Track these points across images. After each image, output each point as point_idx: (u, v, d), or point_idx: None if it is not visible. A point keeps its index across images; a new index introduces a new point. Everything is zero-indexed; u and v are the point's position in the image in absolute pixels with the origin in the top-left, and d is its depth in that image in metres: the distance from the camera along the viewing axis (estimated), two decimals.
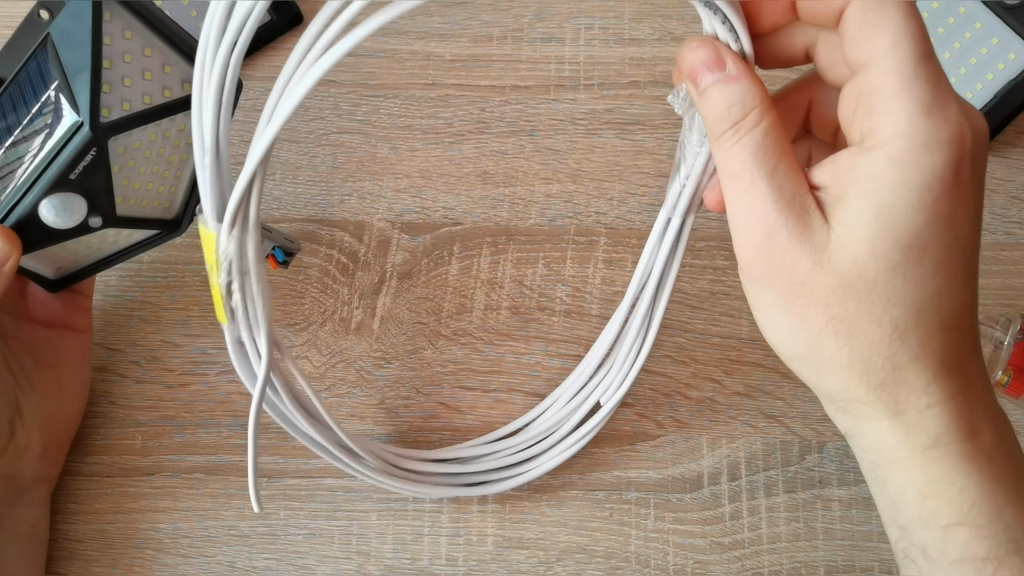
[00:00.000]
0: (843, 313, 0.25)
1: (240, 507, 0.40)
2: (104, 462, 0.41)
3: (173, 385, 0.42)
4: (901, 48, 0.23)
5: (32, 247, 0.33)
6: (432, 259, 0.43)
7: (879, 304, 0.25)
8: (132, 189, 0.34)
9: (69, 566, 0.39)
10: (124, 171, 0.33)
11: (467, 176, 0.45)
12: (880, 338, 0.26)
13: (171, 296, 0.43)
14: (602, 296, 0.43)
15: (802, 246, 0.25)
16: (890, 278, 0.25)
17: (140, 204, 0.35)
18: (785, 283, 0.26)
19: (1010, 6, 0.44)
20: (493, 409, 0.41)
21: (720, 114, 0.26)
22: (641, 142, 0.45)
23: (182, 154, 0.35)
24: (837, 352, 0.26)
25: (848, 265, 0.25)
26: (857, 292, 0.25)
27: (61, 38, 0.30)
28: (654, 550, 0.40)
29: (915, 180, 0.24)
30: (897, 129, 0.24)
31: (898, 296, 0.25)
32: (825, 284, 0.25)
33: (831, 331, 0.26)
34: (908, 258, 0.25)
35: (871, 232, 0.24)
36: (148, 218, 0.36)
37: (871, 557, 0.39)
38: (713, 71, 0.26)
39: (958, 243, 0.25)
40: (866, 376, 0.26)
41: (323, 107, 0.45)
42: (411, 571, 0.39)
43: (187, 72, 0.33)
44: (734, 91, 0.25)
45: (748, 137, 0.25)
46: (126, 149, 0.32)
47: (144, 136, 0.33)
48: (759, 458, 0.41)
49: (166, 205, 0.36)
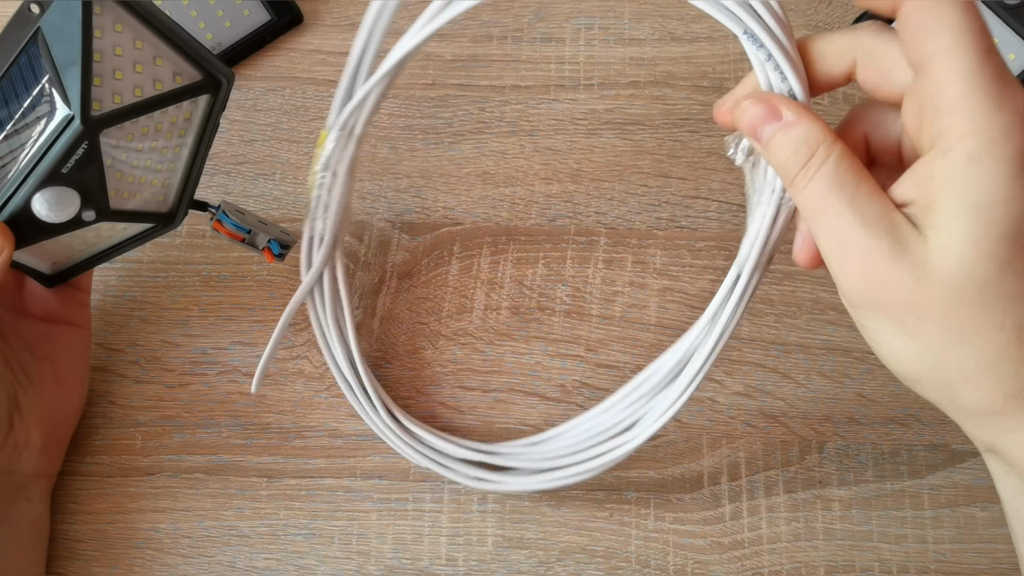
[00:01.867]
0: (961, 323, 0.25)
1: (240, 507, 0.40)
2: (104, 462, 0.41)
3: (173, 385, 0.42)
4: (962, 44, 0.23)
5: (26, 241, 0.33)
6: (432, 259, 0.43)
7: (997, 306, 0.24)
8: (125, 182, 0.34)
9: (69, 566, 0.39)
10: (116, 164, 0.33)
11: (467, 176, 0.45)
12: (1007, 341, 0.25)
13: (171, 296, 0.43)
14: (602, 296, 0.43)
15: (901, 264, 0.24)
16: (1001, 276, 0.24)
17: (134, 197, 0.35)
18: (893, 306, 0.25)
19: (1010, 6, 0.44)
20: (493, 409, 0.41)
21: (788, 159, 0.26)
22: (641, 142, 0.45)
23: (175, 146, 0.35)
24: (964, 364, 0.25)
25: (954, 272, 0.24)
26: (971, 298, 0.24)
27: (52, 32, 0.30)
28: (654, 550, 0.40)
29: (1002, 171, 0.23)
30: (972, 126, 0.23)
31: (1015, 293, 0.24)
32: (935, 297, 0.24)
33: (954, 343, 0.25)
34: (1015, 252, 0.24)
35: (971, 232, 0.24)
36: (142, 211, 0.36)
37: (871, 557, 0.39)
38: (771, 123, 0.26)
39: None
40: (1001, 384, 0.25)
41: (323, 107, 0.45)
42: (411, 571, 0.39)
43: (178, 65, 0.33)
44: (796, 135, 0.26)
45: (820, 172, 0.25)
46: (118, 142, 0.32)
47: (136, 129, 0.33)
48: (759, 458, 0.41)
49: (160, 198, 0.36)
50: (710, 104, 0.45)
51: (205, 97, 0.34)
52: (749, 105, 0.26)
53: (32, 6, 0.30)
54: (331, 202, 0.36)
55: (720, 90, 0.45)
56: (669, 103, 0.45)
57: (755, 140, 0.27)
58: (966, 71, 0.23)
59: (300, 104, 0.46)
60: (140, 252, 0.43)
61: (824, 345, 0.42)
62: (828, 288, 0.42)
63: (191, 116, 0.35)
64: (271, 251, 0.39)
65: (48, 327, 0.38)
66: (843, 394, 0.41)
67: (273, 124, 0.45)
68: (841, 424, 0.41)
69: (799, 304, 0.42)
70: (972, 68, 0.23)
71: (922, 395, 0.27)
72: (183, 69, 0.33)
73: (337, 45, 0.46)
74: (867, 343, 0.27)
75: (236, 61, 0.46)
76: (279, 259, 0.39)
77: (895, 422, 0.41)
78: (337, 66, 0.46)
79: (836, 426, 0.41)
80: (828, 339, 0.42)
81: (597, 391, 0.41)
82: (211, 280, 0.43)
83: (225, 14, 0.45)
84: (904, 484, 0.40)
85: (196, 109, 0.35)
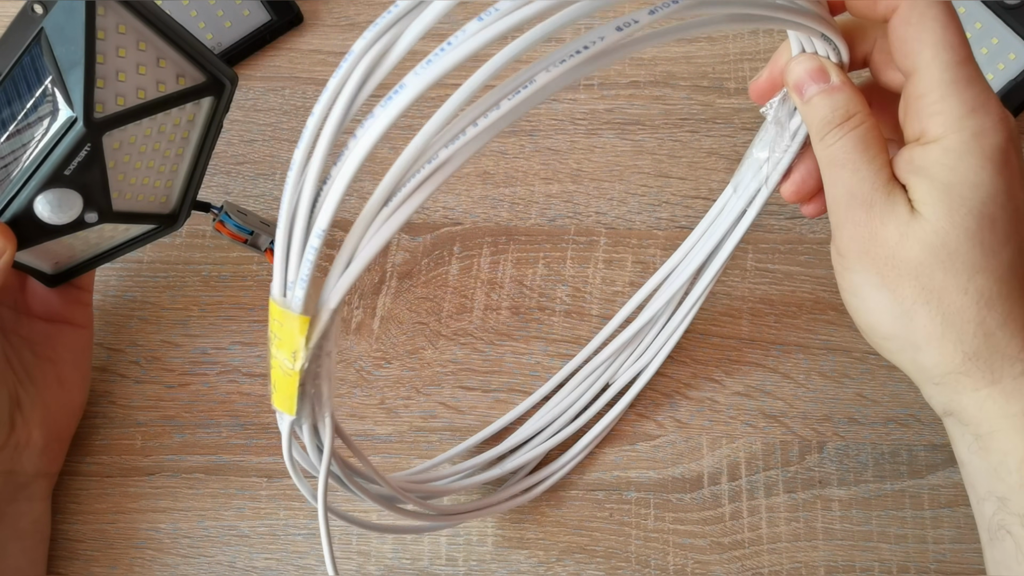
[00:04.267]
0: (932, 283, 0.28)
1: (240, 507, 0.40)
2: (104, 462, 0.41)
3: (173, 385, 0.42)
4: (941, 57, 0.27)
5: (28, 243, 0.33)
6: (432, 259, 0.43)
7: (963, 272, 0.28)
8: (128, 184, 0.34)
9: (69, 566, 0.39)
10: (119, 166, 0.33)
11: (467, 176, 0.45)
12: (968, 305, 0.28)
13: (171, 296, 0.43)
14: (602, 296, 0.43)
15: (893, 222, 0.28)
16: (969, 247, 0.28)
17: (136, 199, 0.35)
18: (879, 258, 0.29)
19: (1010, 6, 0.44)
20: (493, 409, 0.41)
21: (825, 117, 0.29)
22: (641, 142, 0.45)
23: (177, 148, 0.35)
24: (930, 322, 0.28)
25: (931, 236, 0.28)
26: (942, 262, 0.28)
27: (55, 32, 0.30)
28: (654, 550, 0.40)
29: (970, 163, 0.27)
30: (947, 127, 0.27)
31: (979, 264, 0.28)
32: (914, 256, 0.28)
33: (923, 301, 0.28)
34: (982, 226, 0.28)
35: (946, 205, 0.27)
36: (145, 213, 0.36)
37: (871, 557, 0.39)
38: (818, 82, 0.29)
39: (1020, 215, 0.28)
40: (960, 344, 0.28)
41: None
42: (411, 571, 0.39)
43: (181, 66, 0.33)
44: (839, 98, 0.29)
45: (854, 133, 0.29)
46: (121, 144, 0.32)
47: (139, 131, 0.33)
48: (759, 458, 0.41)
49: (163, 200, 0.36)
50: (710, 104, 0.45)
51: (208, 99, 0.34)
52: (804, 59, 0.30)
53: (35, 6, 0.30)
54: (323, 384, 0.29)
55: (720, 90, 0.45)
56: (669, 103, 0.45)
57: (797, 94, 0.30)
58: (944, 80, 0.27)
59: (300, 104, 0.46)
60: (140, 252, 0.43)
61: (824, 345, 0.42)
62: (828, 288, 0.42)
63: (194, 118, 0.35)
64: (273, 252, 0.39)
65: (50, 327, 0.38)
66: (843, 394, 0.41)
67: (273, 124, 0.45)
68: (841, 424, 0.41)
69: (799, 304, 0.42)
70: (949, 78, 0.27)
71: (888, 356, 0.31)
72: (186, 71, 0.33)
73: (337, 45, 0.46)
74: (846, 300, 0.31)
75: (236, 61, 0.46)
76: None
77: (895, 422, 0.41)
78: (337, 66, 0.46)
79: (836, 426, 0.41)
80: (828, 339, 0.42)
81: None
82: (211, 280, 0.43)
83: (225, 14, 0.45)
84: (904, 484, 0.40)
85: (199, 111, 0.35)
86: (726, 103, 0.45)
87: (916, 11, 0.27)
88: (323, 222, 0.23)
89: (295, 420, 0.27)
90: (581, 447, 0.40)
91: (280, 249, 0.24)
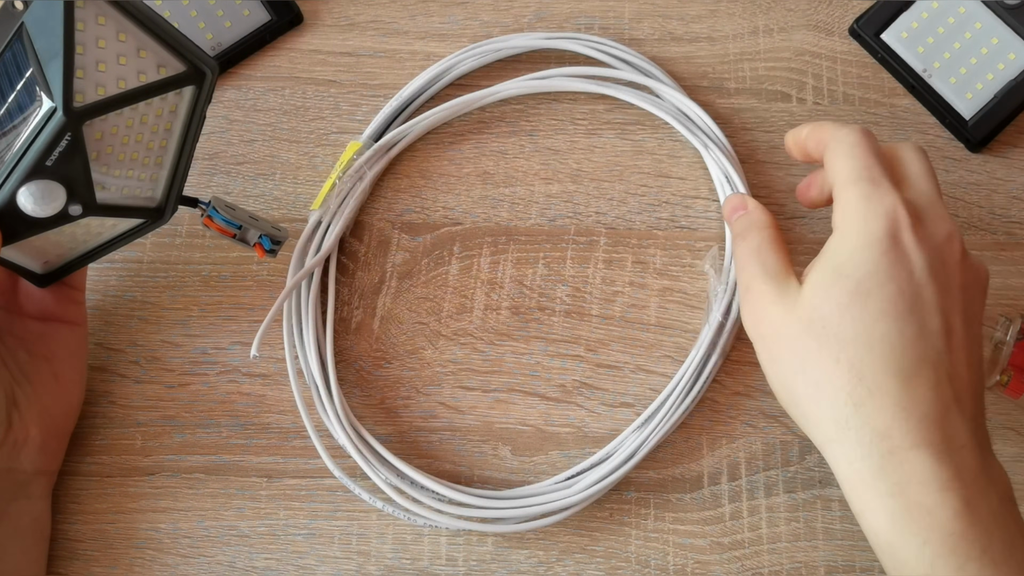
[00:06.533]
0: (807, 352, 0.31)
1: (240, 507, 0.40)
2: (104, 462, 0.41)
3: (173, 385, 0.42)
4: (848, 164, 0.32)
5: (13, 237, 0.33)
6: (432, 259, 0.43)
7: (834, 342, 0.30)
8: (112, 176, 0.34)
9: (69, 566, 0.39)
10: (102, 158, 0.33)
11: (467, 176, 0.45)
12: (839, 373, 0.30)
13: (171, 296, 0.43)
14: (602, 296, 0.43)
15: (779, 304, 0.32)
16: (840, 319, 0.30)
17: (121, 192, 0.34)
18: (769, 336, 0.33)
19: (1010, 6, 0.44)
20: (493, 409, 0.41)
21: (736, 232, 0.36)
22: (641, 142, 0.45)
23: (161, 140, 0.35)
24: (806, 389, 0.31)
25: (808, 310, 0.31)
26: (816, 333, 0.31)
27: (35, 26, 0.30)
28: (654, 550, 0.40)
29: (856, 243, 0.31)
30: (844, 214, 0.32)
31: (850, 335, 0.30)
32: (794, 329, 0.32)
33: (801, 369, 0.31)
34: (854, 301, 0.30)
35: (825, 282, 0.31)
36: (131, 206, 0.35)
37: (871, 557, 0.39)
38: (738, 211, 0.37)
39: (903, 296, 0.30)
40: (832, 412, 0.30)
41: (323, 107, 0.45)
42: (411, 571, 0.39)
43: (162, 56, 0.33)
44: (745, 219, 0.36)
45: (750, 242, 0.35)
46: (103, 135, 0.32)
47: (120, 121, 0.33)
48: (759, 458, 0.41)
49: (148, 193, 0.36)
50: (710, 104, 0.45)
51: (190, 89, 0.34)
52: (732, 197, 0.37)
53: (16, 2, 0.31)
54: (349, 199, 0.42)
55: (720, 90, 0.45)
56: None
57: (728, 221, 0.37)
58: (849, 180, 0.32)
59: (300, 104, 0.46)
60: (140, 252, 0.43)
61: None
62: None
63: (176, 108, 0.34)
64: (262, 246, 0.39)
65: (44, 325, 0.38)
66: None
67: (273, 124, 0.45)
68: None
69: None
70: (853, 177, 0.32)
71: (796, 422, 0.33)
72: (167, 61, 0.33)
73: (337, 45, 0.46)
74: None
75: (236, 61, 0.46)
76: (271, 255, 0.39)
77: None
78: (337, 66, 0.46)
79: None
80: None
81: (597, 391, 0.41)
82: (211, 280, 0.43)
83: (225, 14, 0.45)
84: None
85: (181, 101, 0.34)
86: (726, 103, 0.45)
87: (836, 139, 0.33)
88: None
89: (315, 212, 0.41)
90: None
91: None
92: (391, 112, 0.44)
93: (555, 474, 0.40)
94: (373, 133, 0.44)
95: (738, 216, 0.36)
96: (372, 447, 0.39)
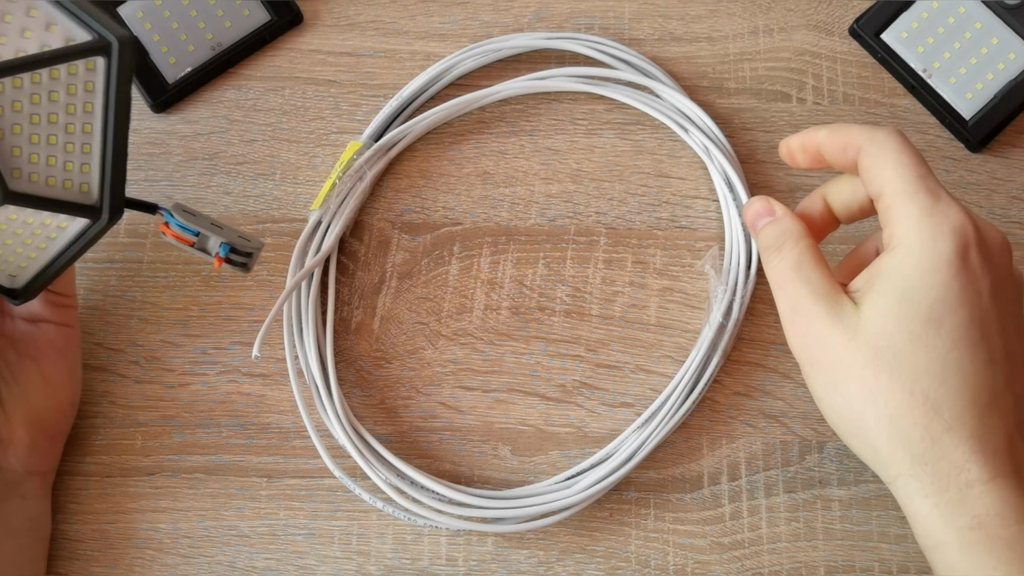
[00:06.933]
0: (878, 385, 0.29)
1: (240, 507, 0.40)
2: (104, 462, 0.41)
3: (173, 385, 0.42)
4: (900, 172, 0.30)
5: None
6: (432, 259, 0.43)
7: (908, 374, 0.29)
8: (27, 161, 0.32)
9: (69, 566, 0.39)
10: (8, 138, 0.31)
11: (467, 176, 0.45)
12: (914, 407, 0.28)
13: (171, 296, 0.43)
14: (602, 296, 0.43)
15: (836, 328, 0.30)
16: (914, 349, 0.29)
17: (45, 182, 0.33)
18: (828, 363, 0.30)
19: (1010, 6, 0.44)
20: (493, 409, 0.41)
21: (769, 244, 0.33)
22: (641, 142, 0.45)
23: (83, 124, 0.33)
24: (877, 423, 0.29)
25: (877, 339, 0.29)
26: (887, 363, 0.29)
27: None
28: (654, 550, 0.40)
29: (925, 264, 0.29)
30: (907, 229, 0.29)
31: (924, 367, 0.28)
32: (860, 358, 0.29)
33: (871, 402, 0.29)
34: (927, 330, 0.29)
35: (893, 308, 0.29)
36: (60, 200, 0.33)
37: (871, 557, 0.39)
38: (764, 217, 0.33)
39: (974, 320, 0.29)
40: (907, 448, 0.29)
41: (323, 107, 0.45)
42: (411, 571, 0.39)
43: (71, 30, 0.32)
44: (778, 227, 0.33)
45: (790, 256, 0.32)
46: (3, 110, 0.31)
47: (23, 96, 0.31)
48: (759, 458, 0.41)
49: (83, 188, 0.34)
50: (710, 104, 0.45)
51: (102, 63, 0.32)
52: (754, 201, 0.34)
53: None
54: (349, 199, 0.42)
55: (720, 90, 0.45)
56: None
57: (752, 229, 0.34)
58: (904, 190, 0.29)
59: (300, 104, 0.46)
60: (140, 252, 0.43)
61: None
62: None
63: (93, 87, 0.33)
64: (221, 256, 0.36)
65: (31, 326, 0.38)
66: None
67: (273, 124, 0.45)
68: None
69: None
70: (909, 188, 0.29)
71: (857, 454, 0.31)
72: (76, 34, 0.32)
73: (337, 45, 0.46)
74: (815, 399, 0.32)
75: (236, 61, 0.46)
76: (238, 267, 0.37)
77: None
78: (337, 66, 0.46)
79: None
80: None
81: (597, 391, 0.41)
82: (211, 280, 0.43)
83: (225, 14, 0.45)
84: None
85: (95, 78, 0.32)
86: (726, 103, 0.45)
87: (875, 143, 0.31)
88: None
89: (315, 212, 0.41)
90: None
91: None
92: (391, 112, 0.44)
93: (555, 474, 0.40)
94: (373, 133, 0.44)
95: (765, 223, 0.33)
96: (372, 447, 0.39)
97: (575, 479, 0.39)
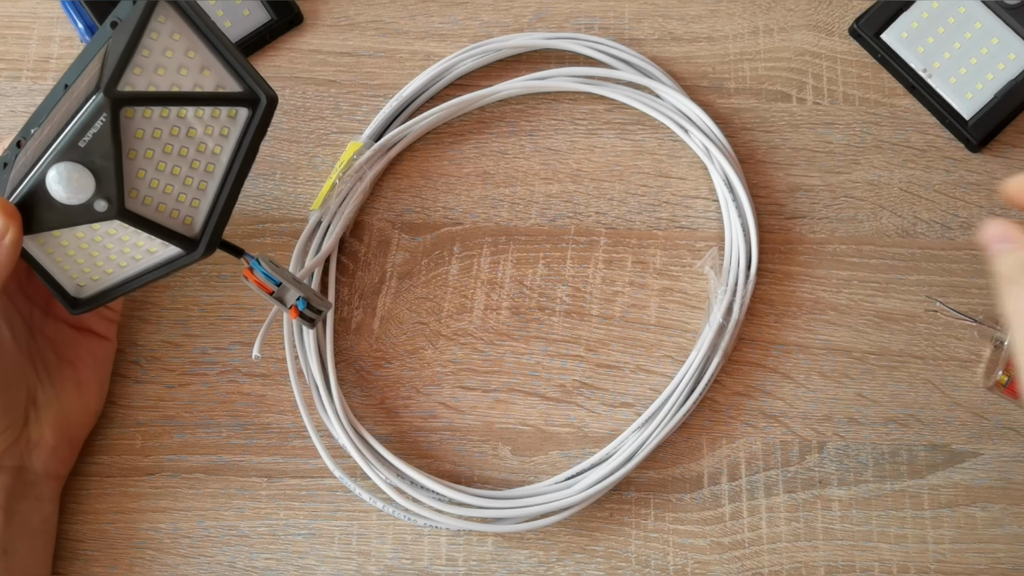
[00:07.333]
0: None
1: (240, 507, 0.40)
2: (104, 462, 0.41)
3: (173, 385, 0.42)
4: None
5: (37, 224, 0.33)
6: (432, 259, 0.43)
7: None
8: (147, 185, 0.33)
9: (69, 566, 0.39)
10: (139, 160, 0.33)
11: (467, 176, 0.45)
12: None
13: (171, 296, 0.43)
14: (602, 296, 0.43)
15: None
16: None
17: (157, 208, 0.34)
18: None
19: (1010, 6, 0.44)
20: (493, 409, 0.41)
21: (1009, 270, 0.31)
22: (641, 142, 0.45)
23: (207, 163, 0.34)
24: None
25: None
26: None
27: (120, 28, 0.32)
28: (654, 550, 0.40)
29: None
30: None
31: None
32: None
33: None
34: None
35: None
36: (163, 226, 0.34)
37: (871, 557, 0.39)
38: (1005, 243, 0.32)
39: None
40: None
41: (323, 107, 0.45)
42: (411, 571, 0.39)
43: (224, 78, 0.34)
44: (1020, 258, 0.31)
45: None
46: (144, 134, 0.33)
47: (164, 125, 0.33)
48: (759, 458, 0.41)
49: (187, 220, 0.35)
50: (710, 104, 0.45)
51: (244, 114, 0.34)
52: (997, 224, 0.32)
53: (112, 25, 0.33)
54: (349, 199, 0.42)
55: (720, 90, 0.45)
56: None
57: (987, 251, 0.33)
58: None
59: (300, 104, 0.46)
60: None
61: (824, 345, 0.42)
62: (828, 288, 0.42)
63: (228, 133, 0.34)
64: (297, 308, 0.36)
65: (75, 332, 0.39)
66: (843, 394, 0.41)
67: (273, 124, 0.45)
68: (841, 424, 0.41)
69: (799, 304, 0.42)
70: None
71: None
72: (227, 83, 0.34)
73: (337, 45, 0.46)
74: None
75: None
76: (307, 322, 0.37)
77: (895, 422, 0.41)
78: (337, 66, 0.46)
79: (836, 426, 0.41)
80: (828, 339, 0.42)
81: (597, 391, 0.41)
82: (211, 280, 0.43)
83: (225, 14, 0.45)
84: (904, 484, 0.40)
85: (233, 127, 0.34)
86: (726, 103, 0.45)
87: None
88: None
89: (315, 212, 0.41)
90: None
91: None
92: (391, 112, 0.44)
93: (555, 474, 0.40)
94: (373, 133, 0.44)
95: (1006, 251, 0.32)
96: (372, 447, 0.39)
97: (575, 479, 0.39)
